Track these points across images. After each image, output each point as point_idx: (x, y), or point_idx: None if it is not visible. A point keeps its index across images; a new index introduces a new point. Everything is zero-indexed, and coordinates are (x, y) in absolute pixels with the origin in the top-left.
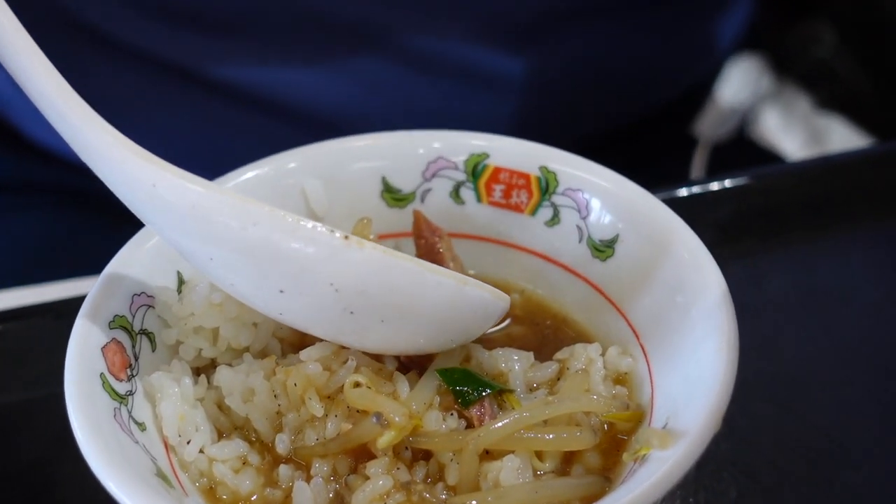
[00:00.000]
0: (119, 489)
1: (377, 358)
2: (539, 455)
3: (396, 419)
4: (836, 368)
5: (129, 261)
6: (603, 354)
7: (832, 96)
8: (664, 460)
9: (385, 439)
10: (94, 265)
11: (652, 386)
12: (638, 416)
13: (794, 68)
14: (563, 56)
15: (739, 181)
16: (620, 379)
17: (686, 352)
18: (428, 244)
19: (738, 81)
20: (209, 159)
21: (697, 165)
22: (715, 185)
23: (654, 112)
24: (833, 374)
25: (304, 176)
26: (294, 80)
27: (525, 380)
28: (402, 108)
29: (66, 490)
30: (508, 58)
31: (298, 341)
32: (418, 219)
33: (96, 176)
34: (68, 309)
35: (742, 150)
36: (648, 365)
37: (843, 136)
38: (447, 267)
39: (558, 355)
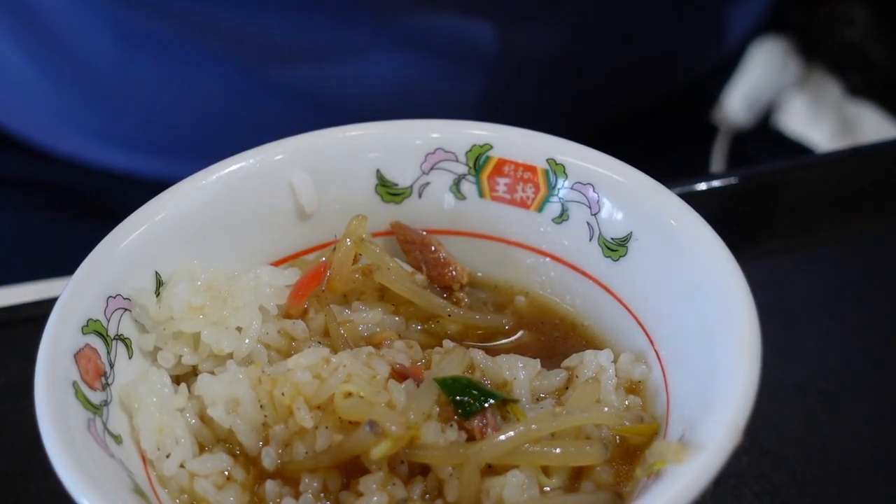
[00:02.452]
0: None
1: (371, 365)
2: (545, 470)
3: (392, 428)
4: (867, 376)
5: (104, 260)
6: (615, 362)
7: (864, 82)
8: (680, 475)
9: (380, 450)
10: (67, 266)
11: (667, 396)
12: (652, 429)
13: (822, 52)
14: (565, 35)
15: (763, 174)
16: (633, 388)
17: (704, 359)
18: (423, 254)
19: (762, 66)
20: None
21: (718, 157)
22: (736, 179)
23: (670, 99)
24: (863, 382)
25: (293, 168)
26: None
27: (531, 389)
28: (396, 90)
29: None
30: (509, 36)
31: (286, 347)
32: (399, 230)
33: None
34: (40, 312)
35: (766, 140)
36: (664, 373)
37: (875, 126)
38: (455, 269)
39: (567, 363)
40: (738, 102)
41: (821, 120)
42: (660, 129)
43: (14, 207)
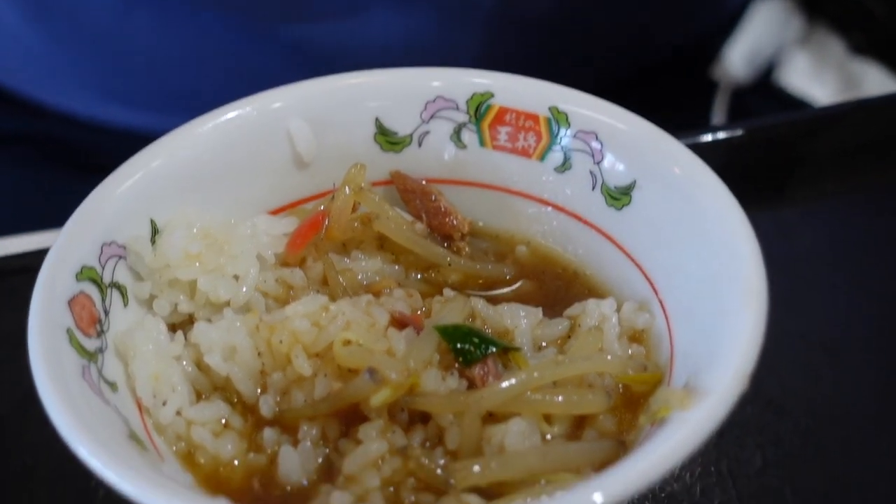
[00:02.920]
0: (90, 454)
1: (370, 313)
2: (547, 418)
3: (391, 376)
4: (871, 328)
5: (99, 207)
6: (618, 311)
7: (867, 40)
8: (685, 422)
9: (379, 397)
10: (62, 219)
11: (671, 344)
12: (656, 378)
13: (825, 9)
14: None
15: (767, 126)
16: (637, 337)
17: (709, 307)
18: (423, 203)
19: (764, 22)
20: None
21: (718, 112)
22: (740, 131)
23: (670, 55)
24: (867, 333)
25: (291, 117)
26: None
27: (532, 338)
28: (396, 46)
29: (32, 455)
30: None
31: (284, 296)
32: (399, 179)
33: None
34: (33, 262)
35: (767, 96)
36: (668, 321)
37: (879, 83)
38: (455, 218)
39: (569, 312)
40: (739, 58)
41: (823, 77)
42: (659, 85)
43: (9, 162)
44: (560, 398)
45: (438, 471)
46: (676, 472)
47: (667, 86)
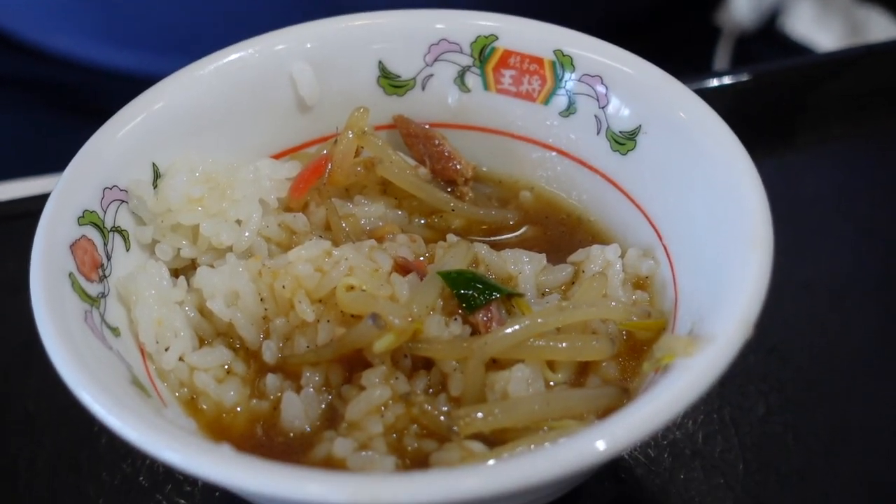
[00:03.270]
0: (93, 399)
1: (373, 259)
2: (551, 365)
3: (395, 321)
4: (875, 274)
5: (100, 151)
6: (622, 257)
7: None
8: (689, 368)
9: (382, 343)
10: (62, 163)
11: (676, 291)
12: (660, 325)
13: None
14: None
15: (773, 71)
16: (641, 283)
17: (714, 253)
18: (426, 147)
19: None
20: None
21: (721, 59)
22: (746, 76)
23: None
24: (871, 279)
25: (293, 59)
26: None
27: (536, 284)
28: None
29: (34, 401)
30: None
31: (287, 241)
32: (402, 123)
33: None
34: (35, 207)
35: (771, 43)
36: (672, 268)
37: (884, 29)
38: (459, 162)
39: (573, 258)
40: (743, 4)
41: (828, 24)
42: (662, 31)
43: (8, 106)
44: (564, 344)
45: (441, 417)
46: (679, 420)
47: (670, 31)
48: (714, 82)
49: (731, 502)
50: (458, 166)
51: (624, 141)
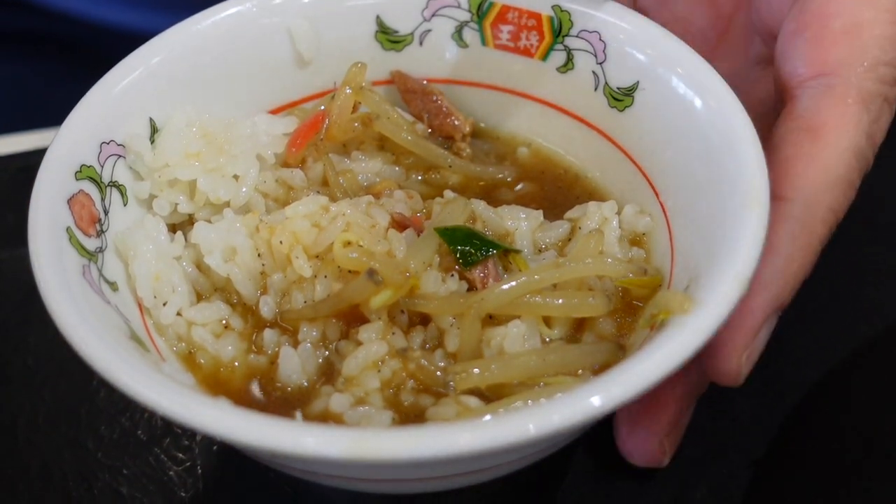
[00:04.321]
0: (91, 352)
1: (370, 215)
2: (547, 321)
3: (392, 277)
4: (877, 231)
5: (97, 105)
6: (618, 213)
7: None
8: (685, 325)
9: (379, 298)
10: (61, 117)
11: (672, 248)
12: (656, 282)
13: None
14: None
15: None
16: (637, 240)
17: (711, 211)
18: (424, 103)
19: None
20: None
21: None
22: None
23: None
24: (872, 239)
25: (291, 14)
26: None
27: (533, 240)
28: None
29: (33, 355)
30: None
31: (284, 197)
32: (400, 79)
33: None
34: (34, 161)
35: None
36: (668, 225)
37: None
38: (457, 118)
39: (570, 214)
40: None
41: None
42: None
43: (5, 59)
44: (560, 301)
45: (438, 373)
46: None
47: None
48: None
49: None
50: (457, 122)
51: (621, 97)
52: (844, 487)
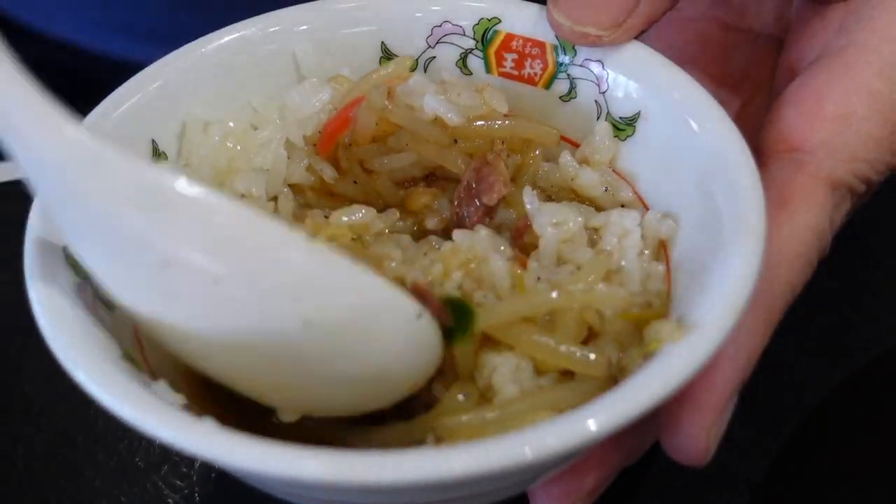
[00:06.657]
0: (84, 375)
1: None
2: (538, 366)
3: None
4: (876, 257)
5: (96, 129)
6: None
7: None
8: (674, 354)
9: None
10: None
11: (669, 278)
12: (660, 315)
13: None
14: None
15: None
16: (657, 252)
17: (708, 240)
18: None
19: None
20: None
21: None
22: None
23: None
24: (873, 264)
25: (294, 39)
26: None
27: (557, 252)
28: None
29: (32, 383)
30: None
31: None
32: None
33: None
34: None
35: None
36: (666, 254)
37: None
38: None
39: (594, 221)
40: None
41: None
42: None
43: None
44: (553, 342)
45: None
46: None
47: None
48: None
49: None
50: None
51: (624, 127)
52: None
